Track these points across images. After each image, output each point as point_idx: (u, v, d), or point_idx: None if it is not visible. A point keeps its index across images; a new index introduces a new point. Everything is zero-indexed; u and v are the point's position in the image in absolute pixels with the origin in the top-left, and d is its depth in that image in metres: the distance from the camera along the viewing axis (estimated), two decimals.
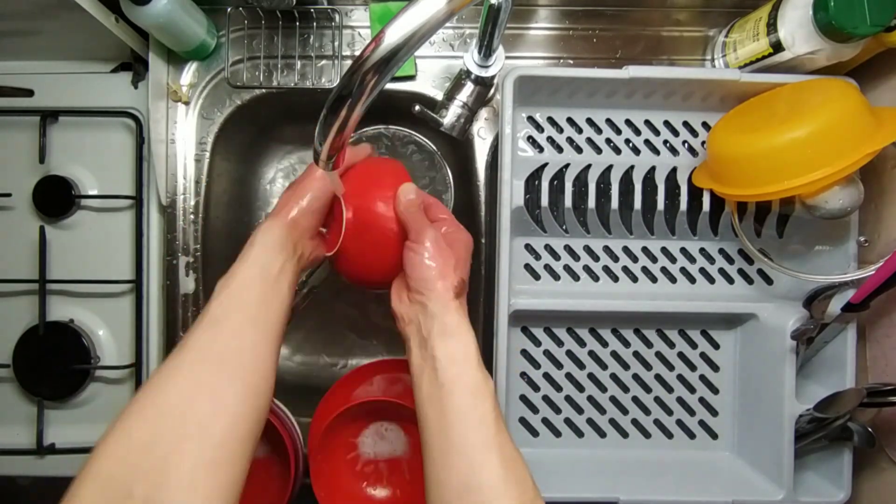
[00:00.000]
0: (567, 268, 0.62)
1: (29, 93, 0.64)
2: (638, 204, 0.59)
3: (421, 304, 0.45)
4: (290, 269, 0.47)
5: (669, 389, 0.63)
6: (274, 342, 0.44)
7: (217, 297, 0.44)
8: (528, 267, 0.62)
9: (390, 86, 0.64)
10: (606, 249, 0.62)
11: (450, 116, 0.60)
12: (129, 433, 0.36)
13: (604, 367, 0.63)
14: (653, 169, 0.60)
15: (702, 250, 0.62)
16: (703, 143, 0.60)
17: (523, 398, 0.62)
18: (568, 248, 0.62)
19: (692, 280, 0.62)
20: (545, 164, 0.60)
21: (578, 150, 0.61)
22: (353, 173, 0.52)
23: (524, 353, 0.62)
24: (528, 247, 0.62)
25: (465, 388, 0.42)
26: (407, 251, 0.47)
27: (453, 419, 0.41)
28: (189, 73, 0.64)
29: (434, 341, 0.43)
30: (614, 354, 0.63)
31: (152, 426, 0.37)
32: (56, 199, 0.63)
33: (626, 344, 0.63)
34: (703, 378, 0.63)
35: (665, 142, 0.60)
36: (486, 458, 0.39)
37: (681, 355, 0.63)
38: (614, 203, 0.59)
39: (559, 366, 0.62)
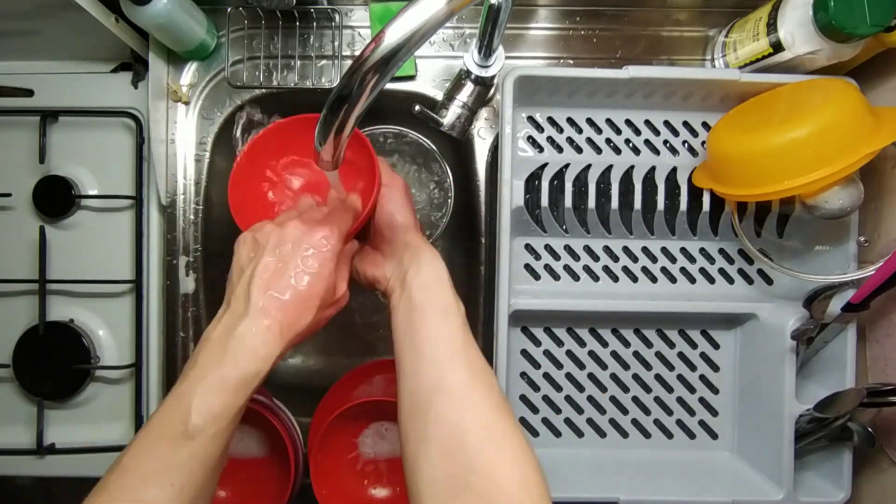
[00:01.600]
0: (567, 268, 0.62)
1: (29, 93, 0.64)
2: (638, 204, 0.59)
3: (404, 248, 0.47)
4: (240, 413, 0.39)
5: (669, 389, 0.63)
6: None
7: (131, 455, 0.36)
8: (528, 267, 0.62)
9: (390, 86, 0.64)
10: (606, 249, 0.62)
11: (450, 116, 0.60)
12: None
13: (604, 367, 0.63)
14: (653, 169, 0.60)
15: (702, 250, 0.62)
16: (703, 143, 0.60)
17: (523, 398, 0.62)
18: (568, 248, 0.62)
19: (692, 280, 0.62)
20: (545, 164, 0.60)
21: (578, 150, 0.61)
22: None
23: (524, 353, 0.62)
24: (528, 247, 0.62)
25: (436, 308, 0.43)
26: (381, 198, 0.48)
27: (425, 335, 0.42)
28: (189, 73, 0.64)
29: (410, 274, 0.44)
30: (614, 354, 0.63)
31: None
32: (56, 199, 0.63)
33: (626, 344, 0.63)
34: (703, 378, 0.63)
35: (665, 142, 0.60)
36: (454, 365, 0.41)
37: (681, 355, 0.63)
38: (614, 203, 0.59)
39: (559, 366, 0.62)
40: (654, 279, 0.62)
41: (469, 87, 0.60)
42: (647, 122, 0.60)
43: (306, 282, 0.40)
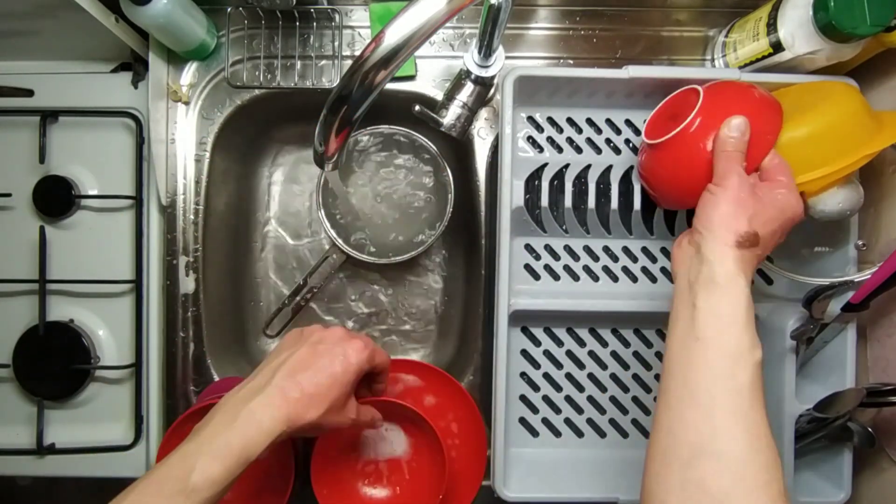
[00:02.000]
0: (567, 268, 0.62)
1: (29, 93, 0.64)
2: (638, 204, 0.59)
3: (696, 246, 0.41)
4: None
5: None
6: None
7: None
8: (528, 267, 0.62)
9: (390, 86, 0.64)
10: (606, 249, 0.62)
11: (450, 116, 0.60)
12: None
13: (604, 367, 0.63)
14: None
15: None
16: None
17: (523, 398, 0.62)
18: (568, 248, 0.62)
19: None
20: (545, 164, 0.60)
21: (578, 150, 0.61)
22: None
23: (524, 353, 0.62)
24: (528, 247, 0.62)
25: (723, 349, 0.37)
26: (704, 192, 0.43)
27: (702, 377, 0.37)
28: (189, 73, 0.64)
29: (698, 288, 0.39)
30: (614, 354, 0.63)
31: None
32: (56, 199, 0.63)
33: (626, 344, 0.63)
34: None
35: None
36: (732, 427, 0.35)
37: None
38: (614, 203, 0.59)
39: (559, 366, 0.62)
40: (653, 279, 0.62)
41: (469, 87, 0.60)
42: None
43: (326, 381, 0.43)
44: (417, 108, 0.59)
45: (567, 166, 0.60)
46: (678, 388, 0.38)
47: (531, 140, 0.61)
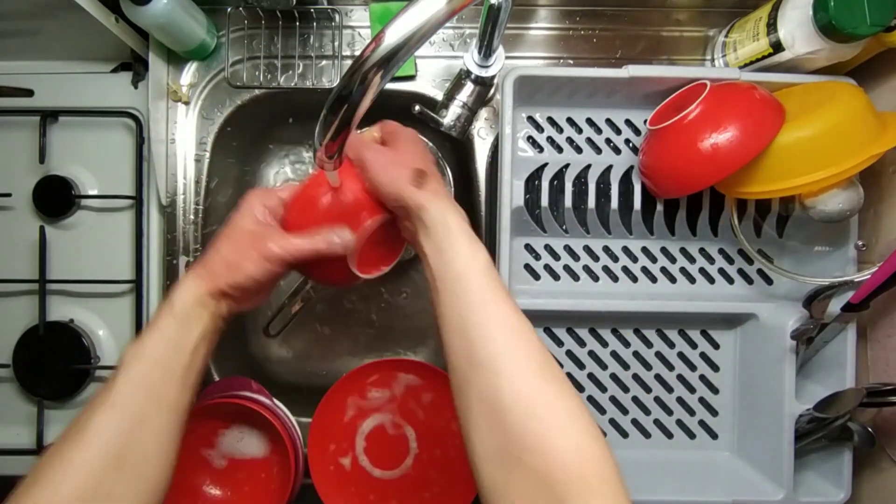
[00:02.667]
0: (567, 268, 0.62)
1: (29, 93, 0.64)
2: (638, 204, 0.59)
3: (406, 216, 0.44)
4: (211, 335, 0.44)
5: (669, 389, 0.63)
6: (181, 420, 0.42)
7: (125, 371, 0.40)
8: (528, 267, 0.62)
9: (390, 86, 0.64)
10: (606, 249, 0.62)
11: (450, 116, 0.60)
12: None
13: (604, 367, 0.62)
14: None
15: (701, 250, 0.62)
16: None
17: None
18: (568, 248, 0.62)
19: (692, 280, 0.62)
20: (545, 164, 0.60)
21: (578, 150, 0.61)
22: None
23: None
24: (528, 247, 0.61)
25: (454, 273, 0.41)
26: (365, 182, 0.45)
27: (451, 306, 0.40)
28: (189, 73, 0.64)
29: (422, 241, 0.43)
30: (614, 354, 0.63)
31: None
32: (56, 199, 0.63)
33: (626, 344, 0.63)
34: (703, 378, 0.63)
35: None
36: (484, 333, 0.39)
37: (681, 355, 0.63)
38: (614, 203, 0.59)
39: (559, 366, 0.62)
40: (653, 279, 0.62)
41: (469, 87, 0.60)
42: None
43: (225, 233, 0.46)
44: (417, 108, 0.59)
45: (567, 166, 0.60)
46: (441, 326, 0.41)
47: (531, 140, 0.61)
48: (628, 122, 0.61)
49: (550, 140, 0.61)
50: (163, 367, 0.41)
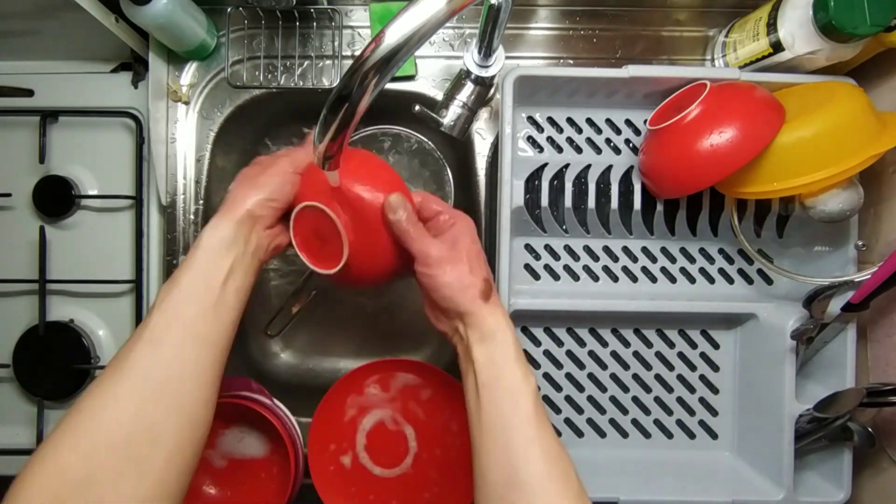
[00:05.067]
0: (567, 268, 0.62)
1: (29, 93, 0.64)
2: (638, 204, 0.59)
3: (458, 318, 0.44)
4: (241, 270, 0.45)
5: (669, 389, 0.63)
6: (218, 357, 0.43)
7: (158, 307, 0.41)
8: (528, 267, 0.62)
9: (390, 86, 0.64)
10: (606, 249, 0.62)
11: (450, 116, 0.60)
12: (62, 468, 0.35)
13: (604, 367, 0.63)
14: None
15: (701, 250, 0.62)
16: None
17: None
18: (568, 248, 0.62)
19: (692, 280, 0.62)
20: (545, 164, 0.60)
21: (578, 150, 0.61)
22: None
23: (524, 353, 0.62)
24: (528, 247, 0.62)
25: (504, 388, 0.42)
26: (420, 276, 0.45)
27: (495, 419, 0.41)
28: (189, 73, 0.64)
29: (473, 347, 0.43)
30: (614, 354, 0.63)
31: (87, 461, 0.35)
32: (56, 199, 0.63)
33: (626, 344, 0.63)
34: (703, 378, 0.63)
35: None
36: (528, 456, 0.39)
37: (681, 355, 0.63)
38: (614, 203, 0.59)
39: (559, 366, 0.62)
40: (653, 279, 0.62)
41: (469, 87, 0.60)
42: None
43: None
44: (417, 108, 0.59)
45: (567, 166, 0.60)
46: (481, 439, 0.41)
47: (531, 140, 0.61)
48: (628, 122, 0.61)
49: (550, 140, 0.61)
50: (195, 300, 0.42)
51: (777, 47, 0.54)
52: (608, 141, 0.61)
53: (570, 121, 0.61)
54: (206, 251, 0.44)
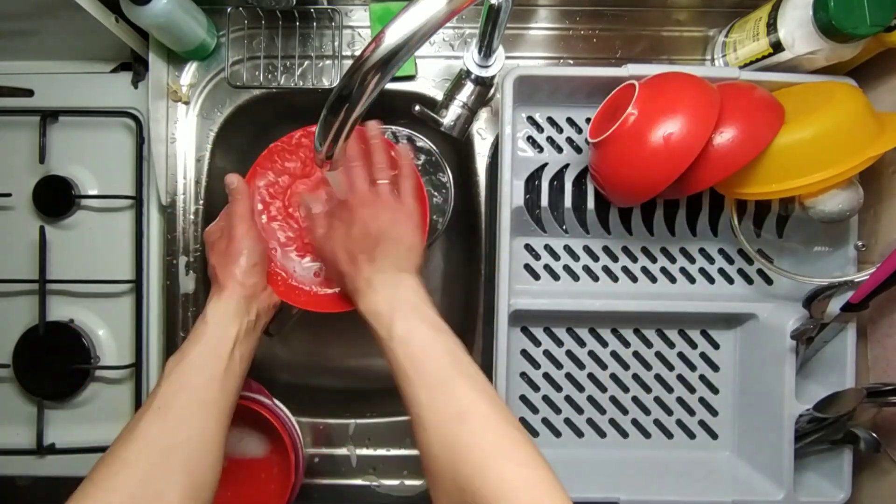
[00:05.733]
0: (567, 268, 0.62)
1: (29, 93, 0.64)
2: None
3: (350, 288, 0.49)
4: (246, 338, 0.49)
5: (669, 389, 0.63)
6: (224, 421, 0.45)
7: (167, 378, 0.44)
8: (528, 267, 0.62)
9: (390, 86, 0.64)
10: (606, 249, 0.62)
11: (450, 116, 0.60)
12: None
13: (604, 367, 0.63)
14: None
15: (701, 250, 0.62)
16: None
17: (523, 398, 0.62)
18: (568, 248, 0.62)
19: (692, 280, 0.62)
20: (545, 164, 0.60)
21: (578, 150, 0.61)
22: None
23: (524, 353, 0.62)
24: (527, 247, 0.62)
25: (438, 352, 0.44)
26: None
27: (430, 366, 0.43)
28: (189, 73, 0.64)
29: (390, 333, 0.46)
30: (614, 354, 0.63)
31: None
32: (56, 199, 0.63)
33: (626, 344, 0.63)
34: (703, 378, 0.63)
35: None
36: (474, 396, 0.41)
37: (681, 355, 0.63)
38: None
39: (559, 366, 0.62)
40: (653, 279, 0.62)
41: (469, 87, 0.60)
42: None
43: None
44: (417, 108, 0.59)
45: (567, 166, 0.60)
46: (419, 388, 0.42)
47: (531, 140, 0.61)
48: None
49: (550, 140, 0.61)
50: (202, 370, 0.45)
51: (777, 47, 0.54)
52: None
53: (569, 121, 0.61)
54: (214, 325, 0.47)
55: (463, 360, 0.43)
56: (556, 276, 0.62)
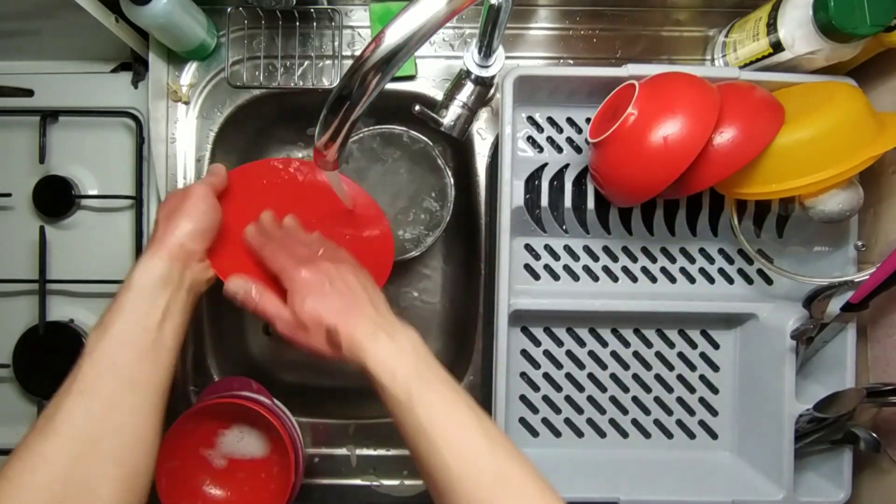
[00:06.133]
0: (567, 268, 0.62)
1: (29, 93, 0.64)
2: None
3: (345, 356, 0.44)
4: (178, 309, 0.43)
5: (669, 389, 0.63)
6: (158, 400, 0.41)
7: (89, 356, 0.39)
8: (528, 267, 0.62)
9: (390, 86, 0.64)
10: (606, 249, 0.62)
11: (450, 116, 0.60)
12: None
13: (604, 367, 0.63)
14: None
15: (701, 250, 0.62)
16: None
17: (523, 398, 0.62)
18: (568, 248, 0.62)
19: (692, 280, 0.62)
20: (545, 164, 0.60)
21: (578, 150, 0.61)
22: None
23: (524, 353, 0.62)
24: (527, 247, 0.62)
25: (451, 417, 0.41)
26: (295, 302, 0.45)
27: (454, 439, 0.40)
28: (189, 73, 0.64)
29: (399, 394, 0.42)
30: (614, 354, 0.63)
31: None
32: (56, 199, 0.63)
33: (626, 344, 0.63)
34: (703, 378, 0.63)
35: None
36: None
37: (681, 355, 0.63)
38: None
39: (559, 366, 0.62)
40: (653, 279, 0.62)
41: (469, 87, 0.60)
42: None
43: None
44: (417, 108, 0.59)
45: (567, 166, 0.60)
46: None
47: (531, 140, 0.61)
48: None
49: (550, 140, 0.61)
50: (130, 346, 0.40)
51: (777, 47, 0.54)
52: None
53: (569, 121, 0.61)
54: (139, 292, 0.42)
55: (487, 421, 0.40)
56: (556, 276, 0.62)
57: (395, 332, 0.43)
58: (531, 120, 0.61)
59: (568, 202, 0.60)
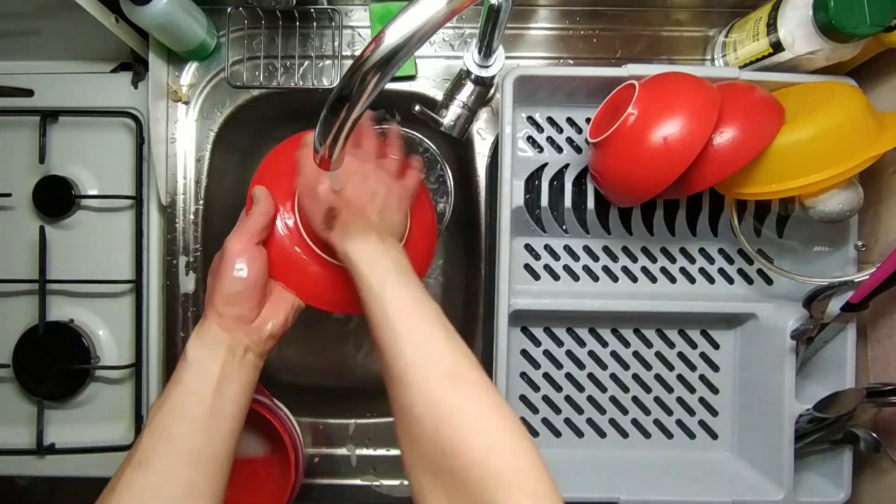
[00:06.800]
0: (567, 268, 0.62)
1: (29, 93, 0.64)
2: None
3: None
4: (235, 373, 0.43)
5: (669, 389, 0.63)
6: (217, 471, 0.41)
7: (148, 427, 0.40)
8: (528, 267, 0.62)
9: (390, 86, 0.64)
10: (606, 249, 0.62)
11: (450, 116, 0.60)
12: None
13: (604, 367, 0.63)
14: None
15: (701, 250, 0.62)
16: None
17: (523, 398, 0.62)
18: (568, 248, 0.62)
19: (692, 280, 0.62)
20: (545, 164, 0.60)
21: (578, 150, 0.61)
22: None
23: (524, 353, 0.62)
24: (527, 247, 0.62)
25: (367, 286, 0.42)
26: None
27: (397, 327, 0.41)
28: (189, 73, 0.64)
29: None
30: (614, 354, 0.63)
31: None
32: (56, 199, 0.63)
33: (626, 344, 0.63)
34: (703, 378, 0.63)
35: None
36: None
37: (681, 355, 0.63)
38: None
39: (559, 366, 0.62)
40: (653, 279, 0.62)
41: (469, 87, 0.60)
42: None
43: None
44: (417, 108, 0.59)
45: (567, 166, 0.60)
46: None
47: (531, 140, 0.61)
48: None
49: (550, 140, 0.61)
50: (183, 415, 0.40)
51: (777, 47, 0.54)
52: None
53: (569, 121, 0.61)
54: (192, 361, 0.42)
55: (452, 328, 0.41)
56: (556, 276, 0.62)
57: (385, 237, 0.45)
58: (531, 120, 0.61)
59: (568, 202, 0.60)
